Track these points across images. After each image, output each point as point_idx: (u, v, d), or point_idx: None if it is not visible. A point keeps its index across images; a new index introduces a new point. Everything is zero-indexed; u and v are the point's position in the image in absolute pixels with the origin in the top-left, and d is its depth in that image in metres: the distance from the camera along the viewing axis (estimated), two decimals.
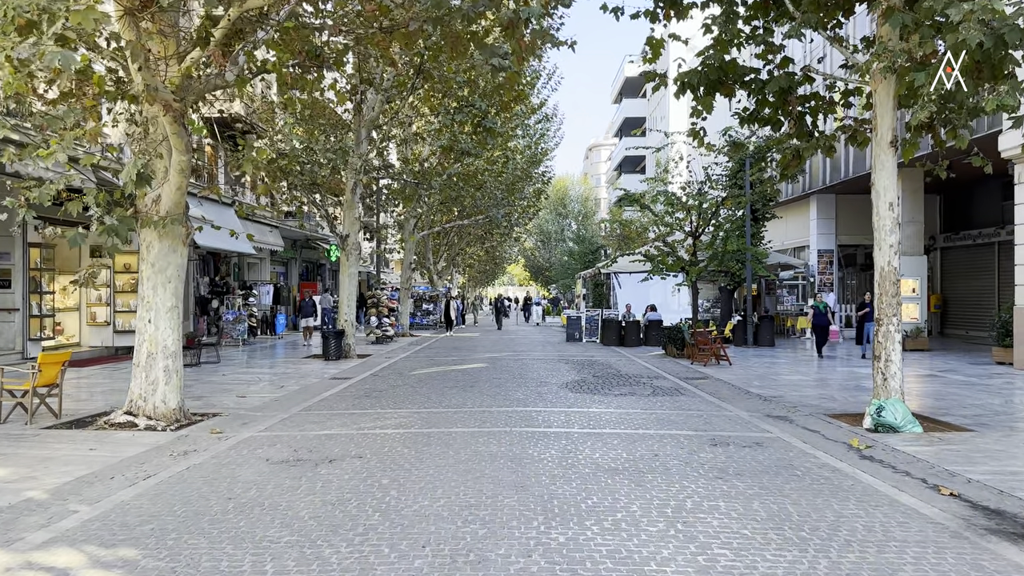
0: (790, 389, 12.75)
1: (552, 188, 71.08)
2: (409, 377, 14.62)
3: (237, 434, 8.75)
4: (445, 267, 41.49)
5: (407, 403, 11.11)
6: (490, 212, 29.81)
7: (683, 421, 9.54)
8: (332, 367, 16.63)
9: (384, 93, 18.13)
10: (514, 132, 29.53)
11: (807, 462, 7.28)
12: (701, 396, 11.95)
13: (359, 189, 19.29)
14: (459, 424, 9.24)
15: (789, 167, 11.16)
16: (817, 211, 27.15)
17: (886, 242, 9.50)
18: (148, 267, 9.44)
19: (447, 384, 13.45)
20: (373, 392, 12.41)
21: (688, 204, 19.42)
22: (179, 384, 9.61)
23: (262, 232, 27.04)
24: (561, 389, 12.71)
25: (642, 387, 13.06)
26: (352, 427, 9.10)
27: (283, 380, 14.19)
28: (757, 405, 11.00)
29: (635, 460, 7.24)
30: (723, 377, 14.58)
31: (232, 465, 7.16)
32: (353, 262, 19.44)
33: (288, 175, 17.86)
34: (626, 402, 11.22)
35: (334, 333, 18.50)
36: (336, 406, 10.89)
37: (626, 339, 23.78)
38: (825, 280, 27.08)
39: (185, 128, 8.47)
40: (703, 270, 19.43)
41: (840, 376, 14.79)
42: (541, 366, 16.91)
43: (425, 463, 7.10)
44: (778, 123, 11.02)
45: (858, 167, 23.22)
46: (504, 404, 10.94)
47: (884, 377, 9.34)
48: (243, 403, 11.17)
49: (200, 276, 24.81)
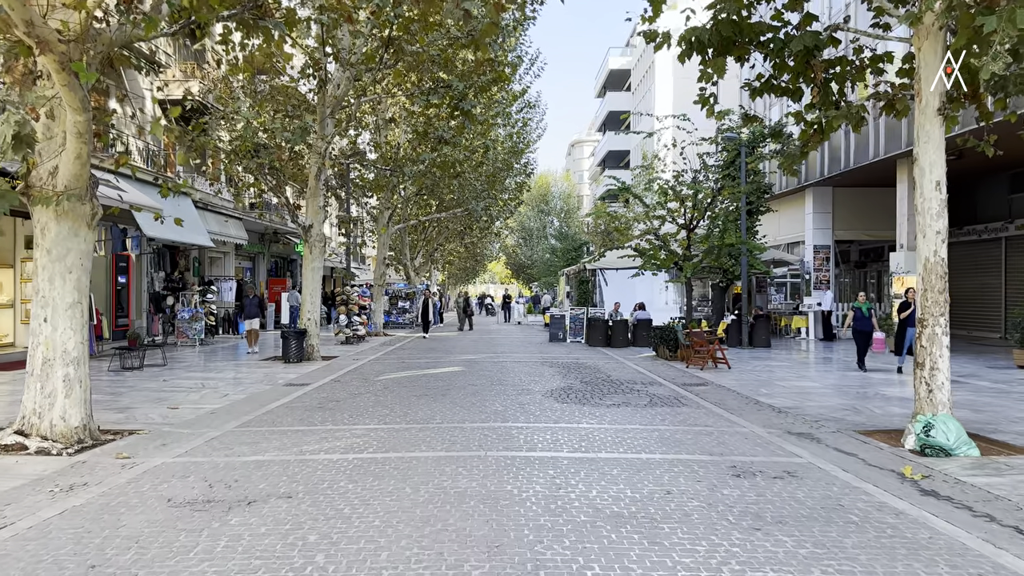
0: (803, 398, 11.27)
1: (535, 183, 69.69)
2: (374, 383, 12.96)
3: (148, 460, 7.07)
4: (423, 263, 39.79)
5: (366, 417, 9.47)
6: (469, 205, 28.15)
7: (692, 441, 7.98)
8: (291, 371, 14.94)
9: (351, 68, 16.42)
10: (495, 121, 27.89)
11: (859, 501, 5.75)
12: (705, 407, 10.41)
13: (323, 175, 17.57)
14: (423, 446, 7.61)
15: (811, 143, 9.64)
16: (813, 204, 25.81)
17: (932, 228, 7.99)
18: (44, 254, 7.72)
19: (416, 392, 11.81)
20: (329, 402, 10.74)
21: (682, 194, 17.90)
22: (84, 397, 7.90)
23: (223, 223, 25.20)
24: (545, 398, 11.13)
25: (637, 395, 11.51)
26: (292, 450, 7.44)
27: (230, 387, 12.48)
28: (772, 418, 9.49)
29: (643, 501, 5.67)
30: (725, 383, 13.08)
31: (121, 509, 5.50)
32: (317, 255, 17.72)
33: (242, 157, 16.10)
34: (621, 415, 9.66)
35: (295, 333, 16.79)
36: (281, 420, 9.23)
37: (613, 339, 22.25)
38: (821, 277, 25.74)
39: (78, 79, 6.76)
40: (698, 265, 17.94)
41: (853, 382, 13.34)
42: (523, 370, 15.32)
43: (372, 507, 5.48)
44: (798, 92, 9.50)
45: (859, 157, 21.87)
46: (480, 418, 9.33)
47: (929, 388, 7.86)
48: (172, 417, 9.47)
49: (155, 271, 22.96)
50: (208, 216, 24.00)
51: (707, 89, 9.29)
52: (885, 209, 25.36)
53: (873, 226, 25.95)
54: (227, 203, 25.47)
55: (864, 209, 25.85)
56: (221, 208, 25.24)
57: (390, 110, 24.76)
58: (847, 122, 8.83)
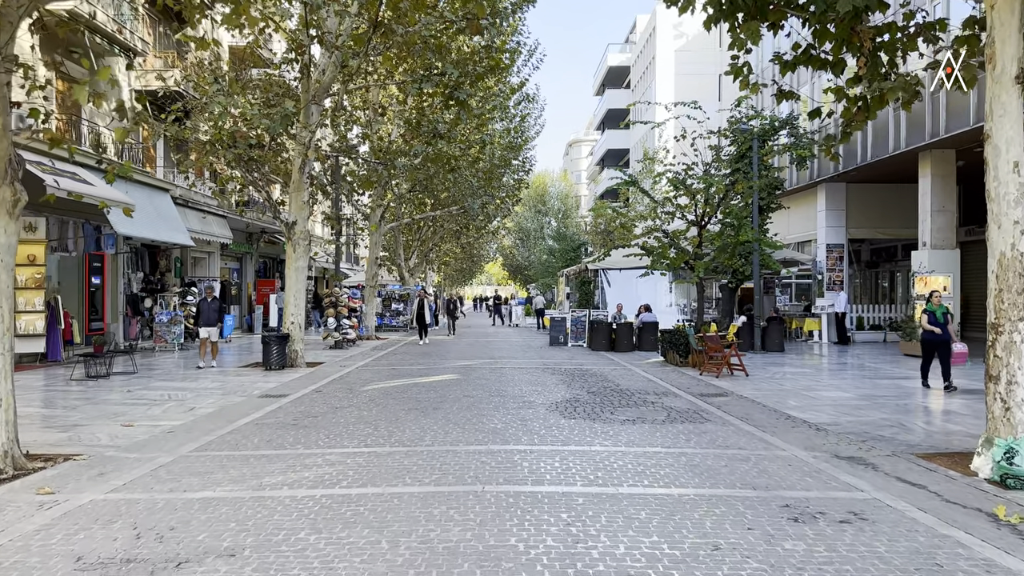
0: (839, 411, 10.05)
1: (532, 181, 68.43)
2: (359, 395, 11.71)
3: (74, 496, 5.83)
4: (418, 264, 38.53)
5: (344, 437, 8.22)
6: (465, 203, 26.89)
7: (727, 469, 6.75)
8: (270, 379, 13.69)
9: (336, 52, 15.17)
10: (492, 115, 26.66)
11: (958, 558, 4.52)
12: (732, 423, 9.19)
13: (308, 168, 16.32)
14: (408, 478, 6.37)
15: (854, 121, 8.41)
16: (826, 201, 24.60)
17: (1009, 217, 6.76)
18: None
19: (405, 405, 10.56)
20: (306, 418, 9.49)
21: (694, 188, 16.66)
22: (6, 417, 6.65)
23: (205, 221, 23.92)
24: (550, 412, 9.89)
25: (652, 408, 10.28)
26: (249, 483, 6.19)
27: (200, 398, 11.23)
28: (812, 438, 8.27)
29: (687, 561, 4.43)
30: (746, 393, 11.86)
31: (12, 573, 4.25)
32: (301, 254, 16.47)
33: (217, 147, 14.84)
34: (639, 433, 8.42)
35: (276, 338, 15.53)
36: (246, 442, 7.98)
37: (617, 343, 21.03)
38: (835, 278, 24.53)
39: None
40: (710, 264, 16.71)
41: (888, 392, 12.13)
42: (523, 378, 14.08)
43: (336, 574, 4.23)
44: (840, 64, 8.29)
45: (878, 150, 20.68)
46: (476, 438, 8.09)
47: (1006, 406, 6.65)
48: (123, 437, 8.21)
49: (132, 271, 21.67)
50: (189, 214, 22.73)
51: (740, 58, 8.06)
52: (901, 206, 24.19)
53: (888, 224, 24.76)
54: (210, 200, 24.18)
55: (878, 206, 24.66)
56: (203, 205, 23.97)
57: (380, 99, 23.51)
58: (902, 95, 7.60)
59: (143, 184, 20.00)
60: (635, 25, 57.60)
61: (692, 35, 46.88)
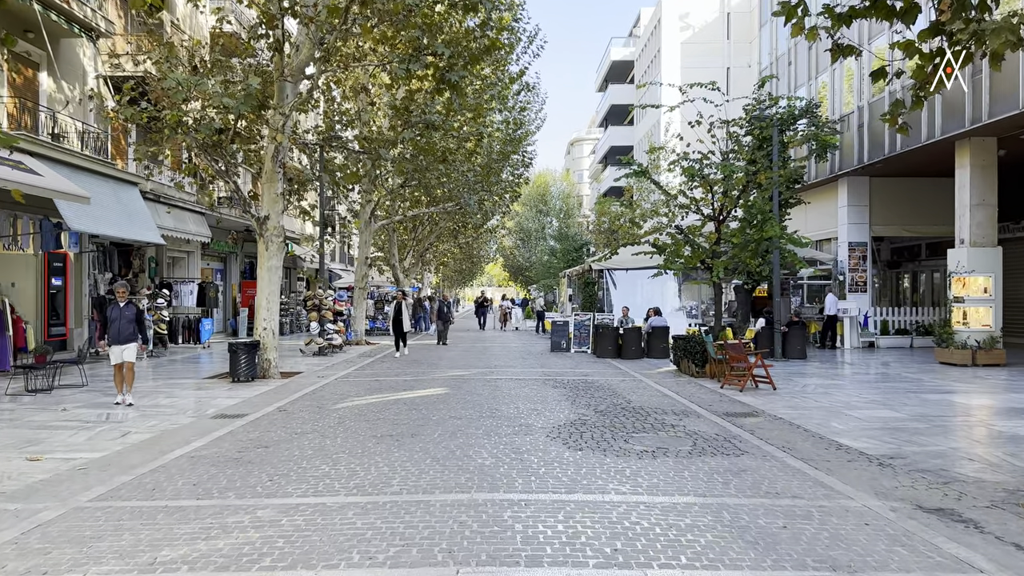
0: (896, 438, 8.36)
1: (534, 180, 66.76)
2: (328, 415, 10.03)
3: None
4: (413, 264, 36.87)
5: (291, 479, 6.54)
6: (461, 199, 25.21)
7: (788, 534, 5.07)
8: (234, 394, 12.04)
9: (311, 24, 13.51)
10: (490, 105, 24.98)
11: None
12: (775, 456, 7.51)
13: (282, 156, 14.65)
14: (355, 554, 4.68)
15: (928, 85, 6.74)
16: (848, 196, 22.89)
17: None
18: None
19: (379, 429, 8.89)
20: (255, 448, 7.82)
21: (711, 178, 14.97)
22: None
23: (180, 218, 22.26)
24: (551, 441, 8.21)
25: (673, 434, 8.60)
26: (136, 562, 4.51)
27: (143, 419, 9.57)
28: (878, 477, 6.59)
29: None
30: (780, 412, 10.18)
31: None
32: (275, 252, 14.82)
33: (175, 131, 13.18)
34: (662, 473, 6.75)
35: (245, 346, 13.87)
36: (166, 486, 6.31)
37: (624, 350, 19.36)
38: (857, 279, 22.84)
39: None
40: (729, 263, 15.03)
41: (941, 409, 10.45)
42: (520, 392, 12.40)
43: None
44: (913, 11, 6.61)
45: (908, 139, 18.95)
46: (457, 481, 6.42)
47: None
48: (18, 476, 6.57)
49: (99, 272, 20.02)
50: (161, 210, 21.07)
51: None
52: (929, 201, 22.49)
53: (915, 221, 23.06)
54: (188, 195, 22.51)
55: (905, 202, 22.96)
56: (179, 201, 22.31)
57: (365, 81, 21.83)
58: (1007, 37, 5.91)
59: (107, 177, 18.35)
60: (639, 18, 55.88)
61: (699, 26, 45.22)
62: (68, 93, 18.32)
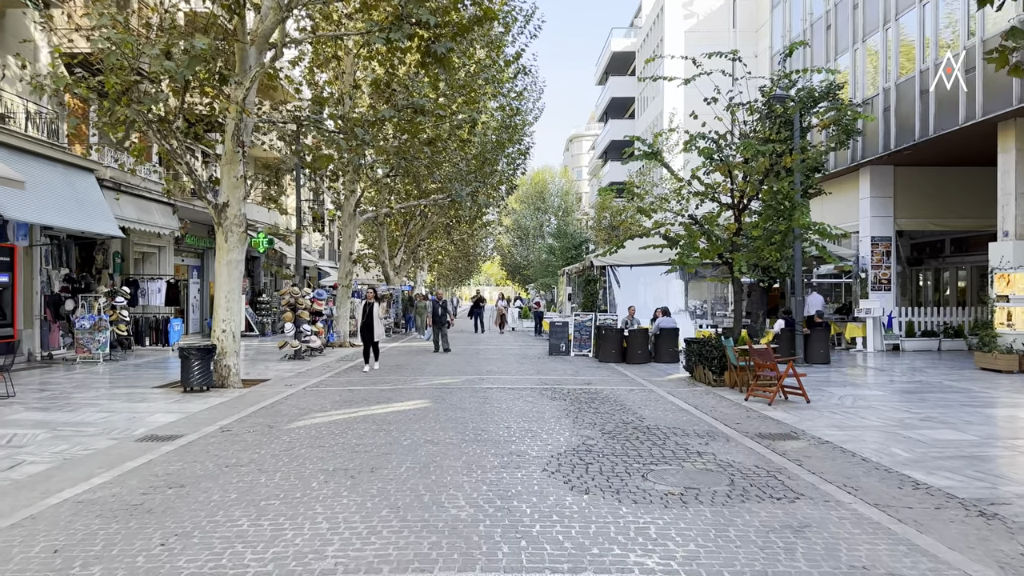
0: (983, 471, 6.62)
1: (532, 178, 65.01)
2: (276, 439, 8.26)
3: None
4: (404, 261, 35.10)
5: (189, 545, 4.78)
6: (452, 190, 23.43)
7: None
8: (179, 407, 10.29)
9: None
10: (484, 90, 23.21)
11: None
12: (839, 500, 5.76)
13: (243, 134, 12.88)
14: None
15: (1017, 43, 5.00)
16: (871, 187, 21.15)
17: None
18: None
19: (333, 460, 7.13)
20: (164, 490, 6.06)
21: (731, 161, 13.21)
22: None
23: (145, 209, 20.46)
24: (549, 479, 6.45)
25: (702, 466, 6.85)
26: None
27: (53, 441, 7.83)
28: (987, 534, 4.86)
29: None
30: (825, 433, 8.44)
31: None
32: (235, 244, 13.04)
33: (116, 102, 11.40)
34: (698, 531, 5.00)
35: (198, 351, 12.09)
36: (14, 555, 4.56)
37: (629, 354, 17.60)
38: (881, 276, 21.10)
39: None
40: (751, 257, 13.28)
41: (1012, 428, 8.73)
42: (513, 407, 10.64)
43: None
44: None
45: (942, 122, 17.21)
46: (416, 552, 4.65)
47: None
48: None
49: (53, 268, 18.24)
50: (124, 200, 19.27)
51: None
52: (958, 192, 20.78)
53: (942, 213, 21.31)
54: (155, 184, 20.72)
55: (931, 193, 21.21)
56: (143, 191, 20.51)
57: (332, 48, 20.02)
58: None
59: (58, 162, 16.59)
60: (640, 7, 54.07)
61: (703, 15, 43.47)
62: (16, 70, 16.54)
